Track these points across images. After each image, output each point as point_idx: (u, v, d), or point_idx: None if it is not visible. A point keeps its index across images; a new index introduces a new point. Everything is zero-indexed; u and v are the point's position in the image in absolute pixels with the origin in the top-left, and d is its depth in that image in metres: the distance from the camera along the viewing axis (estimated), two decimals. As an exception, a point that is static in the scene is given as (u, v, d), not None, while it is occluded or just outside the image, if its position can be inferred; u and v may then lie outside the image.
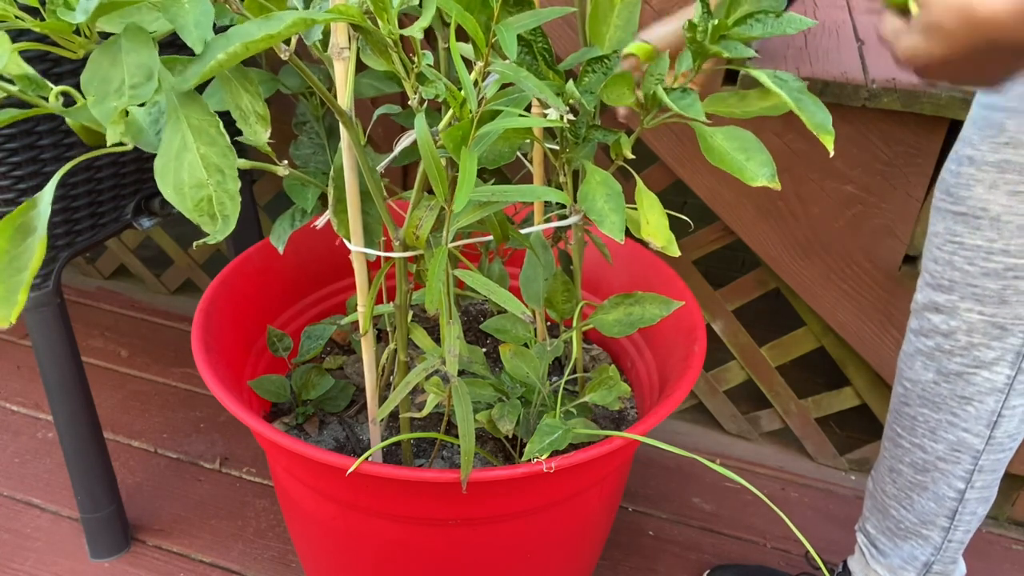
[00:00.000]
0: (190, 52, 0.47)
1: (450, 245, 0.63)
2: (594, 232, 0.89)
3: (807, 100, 0.58)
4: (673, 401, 0.73)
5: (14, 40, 0.49)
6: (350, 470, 0.65)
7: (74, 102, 0.54)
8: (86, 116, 0.54)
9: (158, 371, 1.44)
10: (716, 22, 0.60)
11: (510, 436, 0.81)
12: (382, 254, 0.69)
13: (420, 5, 0.56)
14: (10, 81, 0.51)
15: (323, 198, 0.88)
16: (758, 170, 0.61)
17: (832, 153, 0.58)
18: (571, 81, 0.67)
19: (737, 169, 0.62)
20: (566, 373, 0.85)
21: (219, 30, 0.47)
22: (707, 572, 1.10)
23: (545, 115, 0.70)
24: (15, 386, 1.39)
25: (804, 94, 0.59)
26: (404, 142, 0.76)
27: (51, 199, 0.51)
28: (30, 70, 0.52)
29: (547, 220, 0.86)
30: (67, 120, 0.54)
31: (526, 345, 0.87)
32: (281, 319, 0.98)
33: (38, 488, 1.19)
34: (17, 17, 0.47)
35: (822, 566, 0.61)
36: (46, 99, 0.53)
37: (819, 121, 0.58)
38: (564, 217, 0.81)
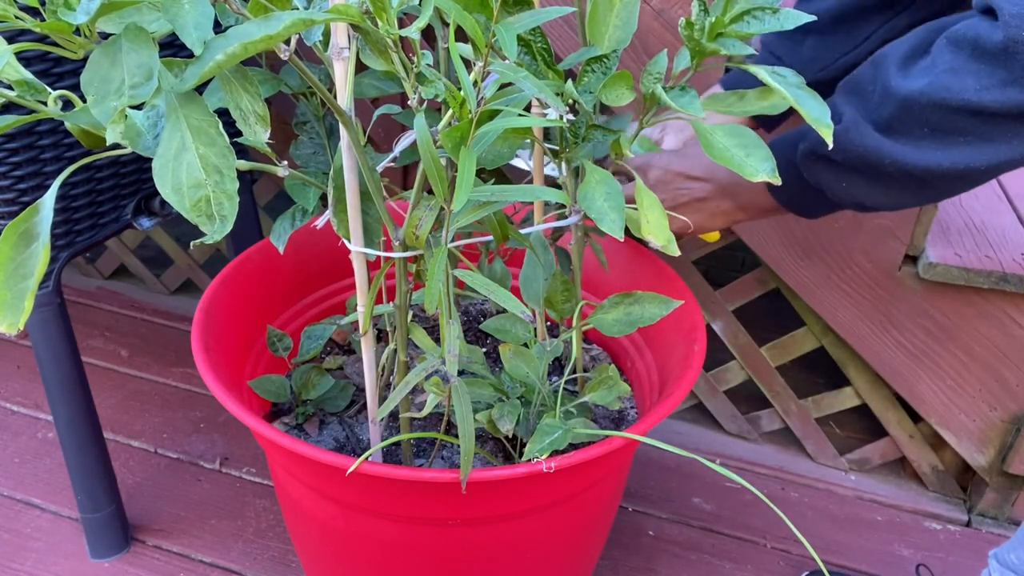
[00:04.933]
0: (190, 52, 0.47)
1: (450, 245, 0.63)
2: (591, 235, 0.89)
3: (805, 95, 0.58)
4: (673, 401, 0.73)
5: (14, 40, 0.50)
6: (350, 470, 0.65)
7: (73, 105, 0.54)
8: (84, 119, 0.54)
9: (158, 371, 1.44)
10: (713, 20, 0.60)
11: (510, 436, 0.81)
12: (382, 254, 0.69)
13: (420, 5, 0.56)
14: (8, 86, 0.52)
15: (324, 198, 0.88)
16: (759, 165, 0.61)
17: (831, 146, 0.58)
18: (570, 81, 0.67)
19: (738, 165, 0.61)
20: (566, 373, 0.85)
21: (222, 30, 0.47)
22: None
23: (545, 115, 0.70)
24: (15, 386, 1.39)
25: (803, 89, 0.59)
26: (404, 142, 0.76)
27: (52, 205, 0.51)
28: (28, 75, 0.52)
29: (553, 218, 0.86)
30: (66, 124, 0.54)
31: (526, 345, 0.87)
32: (281, 319, 0.98)
33: (38, 488, 1.19)
34: (17, 17, 0.48)
35: (822, 566, 0.61)
36: (44, 103, 0.53)
37: (817, 116, 0.58)
38: (563, 217, 0.81)
